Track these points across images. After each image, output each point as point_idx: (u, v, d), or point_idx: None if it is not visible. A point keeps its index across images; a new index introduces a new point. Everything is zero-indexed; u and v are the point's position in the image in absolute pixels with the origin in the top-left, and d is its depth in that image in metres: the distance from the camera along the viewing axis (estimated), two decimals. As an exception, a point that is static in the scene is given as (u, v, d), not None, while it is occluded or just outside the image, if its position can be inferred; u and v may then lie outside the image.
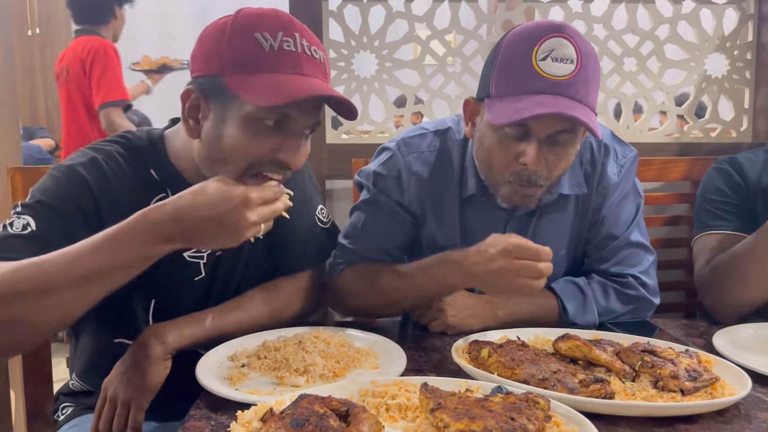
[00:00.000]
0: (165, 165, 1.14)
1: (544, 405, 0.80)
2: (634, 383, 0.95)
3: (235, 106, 1.00)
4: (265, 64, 0.99)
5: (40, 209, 1.03)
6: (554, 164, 1.15)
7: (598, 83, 1.15)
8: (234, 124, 1.01)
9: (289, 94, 0.97)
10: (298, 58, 1.00)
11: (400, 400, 0.84)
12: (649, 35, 1.86)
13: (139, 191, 1.10)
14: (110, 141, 1.15)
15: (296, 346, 1.07)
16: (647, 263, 1.32)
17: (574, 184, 1.28)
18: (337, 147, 1.83)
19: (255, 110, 0.99)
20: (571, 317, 1.24)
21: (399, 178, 1.31)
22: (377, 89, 1.85)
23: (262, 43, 0.98)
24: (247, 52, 0.99)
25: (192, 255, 1.17)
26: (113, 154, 1.11)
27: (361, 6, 1.81)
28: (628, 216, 1.33)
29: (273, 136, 1.01)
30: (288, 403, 0.78)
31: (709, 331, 1.23)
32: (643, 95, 1.89)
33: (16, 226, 1.00)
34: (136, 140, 1.15)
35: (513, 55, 1.12)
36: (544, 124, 1.10)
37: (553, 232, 1.31)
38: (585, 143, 1.30)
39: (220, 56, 1.00)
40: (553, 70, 1.08)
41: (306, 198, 1.28)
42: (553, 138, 1.12)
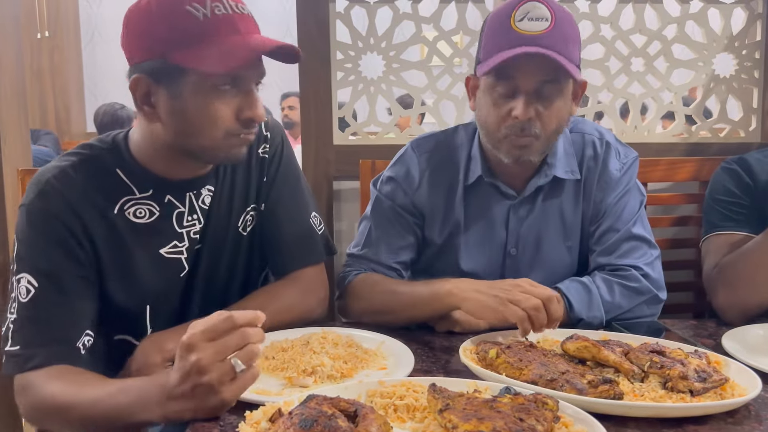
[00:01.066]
0: (130, 163, 1.14)
1: (553, 406, 0.80)
2: (642, 384, 0.94)
3: (188, 81, 1.03)
4: (204, 33, 1.01)
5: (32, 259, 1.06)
6: (545, 117, 1.22)
7: (577, 42, 1.23)
8: (193, 97, 1.04)
9: (240, 55, 1.01)
10: (231, 19, 1.03)
11: (408, 400, 0.84)
12: (657, 35, 1.85)
13: (108, 193, 1.12)
14: (74, 152, 1.15)
15: (304, 347, 1.08)
16: (650, 257, 1.33)
17: (568, 169, 1.34)
18: (344, 148, 1.83)
19: (208, 79, 1.02)
20: (576, 313, 1.24)
21: (408, 177, 1.38)
22: (384, 90, 1.85)
23: (195, 14, 1.01)
24: (184, 26, 1.01)
25: (169, 251, 1.18)
26: (77, 164, 1.12)
27: (368, 7, 1.82)
28: (631, 210, 1.35)
29: (232, 98, 1.05)
30: (296, 404, 0.79)
31: (718, 331, 1.23)
32: (651, 95, 1.89)
33: (22, 293, 1.05)
34: (99, 145, 1.16)
35: (494, 22, 1.24)
36: (527, 76, 1.19)
37: (551, 217, 1.36)
38: (587, 140, 1.37)
39: (158, 38, 1.02)
40: (529, 27, 1.18)
41: (300, 201, 1.31)
42: (539, 91, 1.20)
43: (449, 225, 1.38)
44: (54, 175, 1.10)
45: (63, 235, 1.07)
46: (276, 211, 1.27)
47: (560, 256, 1.37)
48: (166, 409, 0.87)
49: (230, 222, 1.24)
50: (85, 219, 1.09)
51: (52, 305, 1.05)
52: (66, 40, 5.65)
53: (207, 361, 0.83)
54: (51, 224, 1.07)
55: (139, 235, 1.14)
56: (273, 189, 1.27)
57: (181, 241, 1.18)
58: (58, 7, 5.55)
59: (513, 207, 1.35)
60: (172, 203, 1.17)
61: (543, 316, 1.07)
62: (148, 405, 0.88)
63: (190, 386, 0.84)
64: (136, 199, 1.14)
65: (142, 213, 1.14)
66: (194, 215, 1.19)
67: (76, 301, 1.08)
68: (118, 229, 1.12)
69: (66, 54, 5.64)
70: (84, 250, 1.09)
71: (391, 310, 1.27)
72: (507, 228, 1.36)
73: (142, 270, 1.15)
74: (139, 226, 1.14)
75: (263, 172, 1.27)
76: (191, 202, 1.18)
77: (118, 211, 1.12)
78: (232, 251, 1.25)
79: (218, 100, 1.04)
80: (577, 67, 1.22)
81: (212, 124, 1.05)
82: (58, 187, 1.08)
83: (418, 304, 1.23)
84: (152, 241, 1.16)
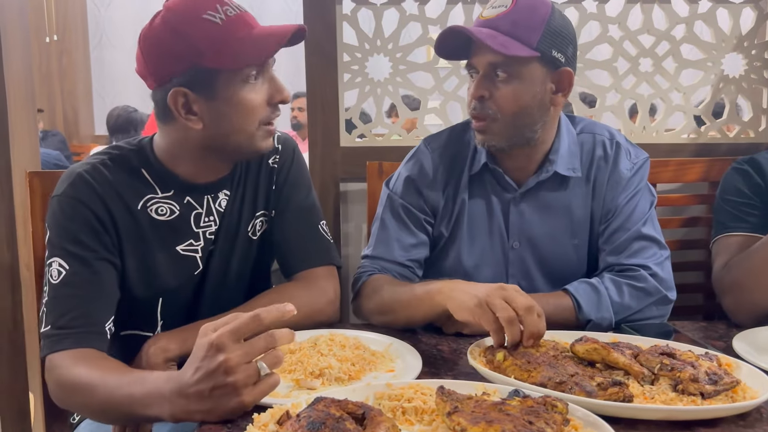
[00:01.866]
0: (154, 165, 1.21)
1: (563, 408, 0.79)
2: (653, 386, 0.94)
3: (221, 82, 1.10)
4: (226, 34, 1.09)
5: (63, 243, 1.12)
6: (499, 98, 1.26)
7: (534, 27, 1.24)
8: (228, 95, 1.11)
9: (268, 45, 1.10)
10: (242, 17, 1.11)
11: (417, 403, 0.84)
12: (665, 35, 1.84)
13: (133, 189, 1.19)
14: (104, 151, 1.23)
15: (311, 349, 1.08)
16: (660, 257, 1.33)
17: (570, 167, 1.35)
18: (351, 150, 1.83)
19: (238, 74, 1.10)
20: (585, 314, 1.24)
21: (422, 172, 1.40)
22: (391, 92, 1.85)
23: (213, 20, 1.08)
24: (206, 34, 1.08)
25: (185, 248, 1.23)
26: (107, 162, 1.19)
27: (374, 9, 1.81)
28: (642, 211, 1.35)
29: (261, 86, 1.13)
30: (304, 406, 0.78)
31: (728, 333, 1.22)
32: (660, 96, 1.88)
33: (53, 275, 1.11)
34: (127, 147, 1.23)
35: None
36: (479, 58, 1.27)
37: (557, 213, 1.36)
38: (597, 140, 1.38)
39: (182, 52, 1.08)
40: (487, 13, 1.27)
41: (309, 208, 1.34)
42: (491, 74, 1.25)
43: (454, 216, 1.39)
44: (85, 169, 1.17)
45: (91, 221, 1.13)
46: (286, 215, 1.31)
47: (566, 254, 1.37)
48: (175, 407, 0.87)
49: (240, 226, 1.28)
50: (112, 209, 1.16)
51: (82, 285, 1.10)
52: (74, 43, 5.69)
53: (235, 362, 0.83)
54: (80, 210, 1.13)
55: (159, 231, 1.20)
56: (282, 195, 1.32)
57: (197, 240, 1.23)
58: (67, 11, 5.59)
59: (513, 200, 1.36)
60: (191, 204, 1.22)
61: (516, 330, 0.99)
62: (159, 399, 0.88)
63: (209, 386, 0.83)
64: (158, 198, 1.20)
65: (163, 210, 1.20)
66: (210, 217, 1.24)
67: (104, 283, 1.13)
68: (140, 224, 1.18)
69: (74, 57, 5.68)
70: (110, 237, 1.15)
71: (392, 309, 1.27)
72: (507, 221, 1.37)
73: (159, 264, 1.20)
74: (159, 222, 1.20)
75: (272, 180, 1.32)
76: (208, 205, 1.24)
77: (141, 207, 1.19)
78: (241, 254, 1.29)
79: (252, 92, 1.12)
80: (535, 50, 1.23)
81: (249, 115, 1.13)
82: (88, 180, 1.15)
83: (413, 303, 1.22)
84: (170, 238, 1.21)
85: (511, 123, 1.27)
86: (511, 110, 1.25)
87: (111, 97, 5.76)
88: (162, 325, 1.24)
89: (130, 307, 1.20)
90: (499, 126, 1.27)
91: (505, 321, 0.99)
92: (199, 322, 1.16)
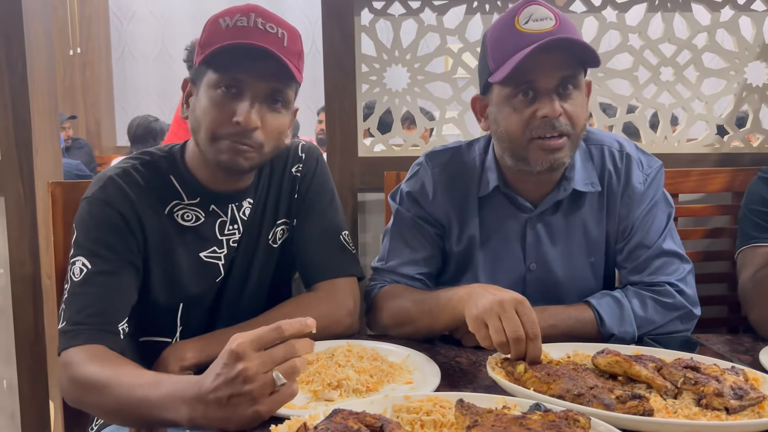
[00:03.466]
0: (182, 172, 1.23)
1: (585, 423, 0.77)
2: (676, 401, 0.92)
3: (203, 80, 1.14)
4: (220, 39, 1.10)
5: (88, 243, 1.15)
6: (572, 112, 1.19)
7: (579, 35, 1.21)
8: (201, 96, 1.15)
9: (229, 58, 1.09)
10: (247, 30, 1.11)
11: (435, 416, 0.83)
12: (687, 44, 1.82)
13: (161, 195, 1.22)
14: (135, 156, 1.25)
15: (329, 360, 1.07)
16: (683, 272, 1.30)
17: (588, 182, 1.31)
18: (369, 160, 1.83)
19: (211, 79, 1.12)
20: (608, 328, 1.22)
21: (423, 190, 1.37)
22: (409, 102, 1.85)
23: (221, 24, 1.12)
24: (210, 34, 1.13)
25: (208, 255, 1.24)
26: (138, 166, 1.22)
27: (393, 20, 1.82)
28: (659, 225, 1.31)
29: (230, 101, 1.12)
30: (322, 418, 0.78)
31: (755, 347, 1.19)
32: (681, 105, 1.86)
33: (75, 273, 1.13)
34: (157, 153, 1.26)
35: (498, 31, 1.22)
36: (547, 75, 1.17)
37: (572, 232, 1.32)
38: (607, 152, 1.33)
39: (198, 44, 1.15)
40: (536, 27, 1.17)
41: (332, 218, 1.34)
42: (560, 88, 1.18)
43: (465, 239, 1.35)
44: (116, 173, 1.20)
45: (119, 223, 1.16)
46: (307, 225, 1.32)
47: (584, 273, 1.34)
48: (193, 412, 0.86)
49: (261, 234, 1.29)
50: (140, 212, 1.18)
51: (102, 284, 1.12)
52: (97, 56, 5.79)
53: (253, 371, 0.83)
54: (109, 212, 1.16)
55: (184, 237, 1.22)
56: (305, 205, 1.32)
57: (221, 247, 1.25)
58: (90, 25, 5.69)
59: (530, 221, 1.32)
60: (216, 212, 1.24)
61: (506, 351, 1.00)
62: (177, 404, 0.88)
63: (227, 394, 0.83)
64: (184, 204, 1.23)
65: (189, 217, 1.23)
66: (235, 225, 1.26)
67: (123, 285, 1.15)
68: (166, 228, 1.21)
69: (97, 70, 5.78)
70: (136, 240, 1.18)
71: (411, 319, 1.25)
72: (524, 243, 1.33)
73: (182, 270, 1.22)
74: (185, 228, 1.22)
75: (294, 189, 1.32)
76: (233, 213, 1.26)
77: (168, 212, 1.21)
78: (262, 262, 1.30)
79: (218, 102, 1.12)
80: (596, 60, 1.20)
81: (202, 119, 1.14)
82: (119, 183, 1.18)
83: (433, 311, 1.20)
84: (194, 244, 1.23)
85: (577, 137, 1.23)
86: (581, 123, 1.22)
87: (132, 108, 5.84)
88: (181, 331, 1.25)
89: (151, 313, 1.21)
90: (572, 141, 1.21)
91: (496, 344, 1.01)
92: (217, 332, 1.17)
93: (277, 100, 1.14)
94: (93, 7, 5.69)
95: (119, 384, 0.97)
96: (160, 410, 0.90)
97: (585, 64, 1.21)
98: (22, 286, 1.86)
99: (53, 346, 1.74)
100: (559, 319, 1.22)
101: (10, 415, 1.94)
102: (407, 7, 1.82)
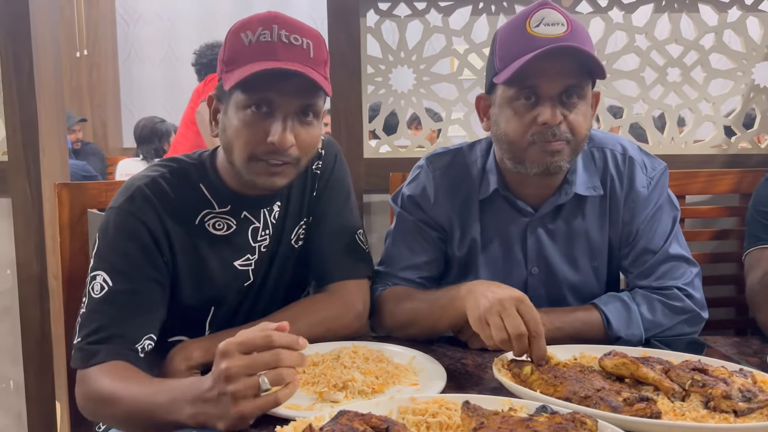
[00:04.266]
0: (212, 180, 1.20)
1: (592, 425, 0.77)
2: (683, 403, 0.91)
3: (231, 100, 1.10)
4: (245, 58, 1.07)
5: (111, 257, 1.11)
6: (573, 121, 1.17)
7: (592, 49, 1.19)
8: (231, 116, 1.10)
9: (241, 77, 1.04)
10: (272, 46, 1.07)
11: (441, 418, 0.82)
12: (694, 45, 1.82)
13: (191, 205, 1.18)
14: (164, 164, 1.22)
15: (334, 361, 1.07)
16: (691, 275, 1.29)
17: (590, 185, 1.29)
18: (375, 161, 1.83)
19: (239, 100, 1.08)
20: (615, 330, 1.21)
21: (424, 194, 1.35)
22: (414, 103, 1.84)
23: (244, 39, 1.08)
24: (233, 50, 1.09)
25: (242, 263, 1.22)
26: (167, 175, 1.19)
27: (398, 21, 1.82)
28: (665, 229, 1.30)
29: (261, 121, 1.08)
30: (327, 420, 0.78)
31: (763, 349, 1.18)
32: (688, 106, 1.85)
33: (95, 289, 1.10)
34: (187, 160, 1.23)
35: (508, 32, 1.21)
36: (551, 81, 1.15)
37: (574, 236, 1.31)
38: (609, 156, 1.32)
39: (220, 60, 1.12)
40: (547, 32, 1.15)
41: (346, 216, 1.32)
42: (563, 96, 1.17)
43: (467, 242, 1.34)
44: (145, 183, 1.16)
45: (145, 239, 1.12)
46: (321, 222, 1.30)
47: (587, 277, 1.33)
48: (196, 410, 0.88)
49: (284, 235, 1.28)
50: (169, 226, 1.15)
51: (123, 304, 1.09)
52: (104, 58, 5.81)
53: (234, 371, 0.84)
54: (135, 226, 1.12)
55: (216, 246, 1.20)
56: (320, 202, 1.30)
57: (253, 254, 1.24)
58: (97, 27, 5.71)
59: (530, 225, 1.31)
60: (248, 219, 1.22)
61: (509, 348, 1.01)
62: (182, 405, 0.90)
63: (216, 392, 0.85)
64: (215, 213, 1.20)
65: (220, 225, 1.20)
66: (266, 230, 1.25)
67: (145, 305, 1.12)
68: (197, 239, 1.18)
69: (103, 72, 5.80)
70: (163, 256, 1.14)
71: (414, 320, 1.24)
72: (525, 247, 1.32)
73: (215, 278, 1.20)
74: (216, 237, 1.20)
75: (314, 187, 1.30)
76: (265, 218, 1.24)
77: (198, 222, 1.19)
78: (281, 263, 1.28)
79: (249, 122, 1.08)
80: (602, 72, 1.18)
81: (234, 141, 1.10)
82: (147, 194, 1.14)
83: (436, 311, 1.19)
84: (228, 253, 1.21)
85: (578, 146, 1.21)
86: (582, 133, 1.20)
87: (139, 110, 5.85)
88: (209, 332, 1.24)
89: (181, 315, 1.19)
90: (571, 149, 1.20)
91: (498, 342, 1.01)
92: (224, 332, 1.16)
93: (309, 114, 1.11)
94: (99, 9, 5.71)
95: (130, 394, 0.98)
96: (167, 413, 0.92)
97: (592, 75, 1.19)
98: (29, 287, 1.87)
99: (59, 346, 1.75)
100: (566, 321, 1.21)
101: (17, 415, 1.95)
102: (413, 8, 1.82)
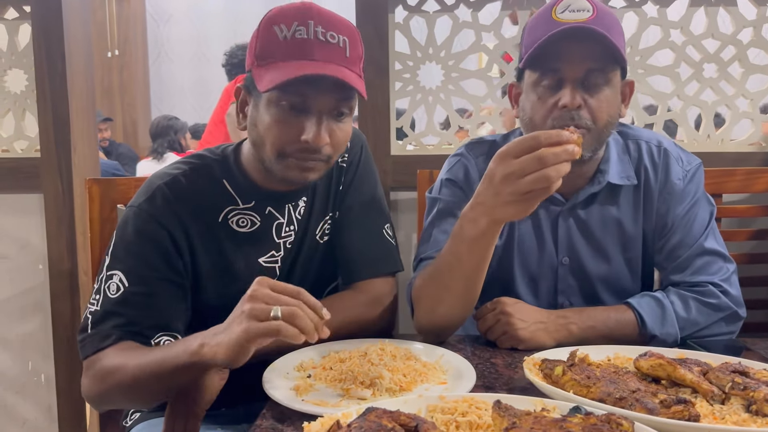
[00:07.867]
0: (236, 175, 1.18)
1: (628, 427, 0.74)
2: (723, 406, 0.88)
3: (262, 95, 1.06)
4: (280, 54, 1.04)
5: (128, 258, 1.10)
6: (595, 106, 1.16)
7: (621, 35, 1.19)
8: (263, 111, 1.07)
9: (281, 79, 1.01)
10: (309, 45, 1.04)
11: (471, 417, 0.81)
12: (731, 39, 1.77)
13: (214, 202, 1.16)
14: (186, 161, 1.21)
15: (362, 358, 1.06)
16: (727, 272, 1.25)
17: (623, 175, 1.28)
18: (402, 158, 1.82)
19: (273, 95, 1.05)
20: (649, 329, 1.18)
21: (468, 177, 1.34)
22: (443, 100, 1.83)
23: (278, 34, 1.04)
24: (267, 44, 1.06)
25: (267, 260, 1.21)
26: (188, 172, 1.17)
27: (427, 17, 1.80)
28: (701, 223, 1.27)
29: (295, 118, 1.06)
30: (355, 416, 0.76)
31: (805, 352, 1.14)
32: (725, 103, 1.80)
33: (111, 288, 1.09)
34: (209, 155, 1.21)
35: (536, 19, 1.20)
36: (573, 65, 1.15)
37: (607, 226, 1.29)
38: (644, 147, 1.31)
39: (252, 51, 1.09)
40: (571, 17, 1.15)
41: (374, 210, 1.30)
42: (585, 79, 1.16)
43: (505, 231, 1.32)
44: (165, 182, 1.14)
45: (164, 241, 1.11)
46: (348, 217, 1.27)
47: (620, 269, 1.31)
48: (205, 339, 0.91)
49: (309, 230, 1.25)
50: (189, 227, 1.13)
51: (138, 307, 1.08)
52: (134, 58, 5.90)
53: (257, 294, 0.88)
54: (154, 228, 1.11)
55: (240, 244, 1.18)
56: (347, 196, 1.28)
57: (278, 251, 1.22)
58: (128, 27, 5.81)
59: (562, 214, 1.30)
60: (273, 214, 1.20)
61: None
62: (190, 344, 0.92)
63: (239, 311, 0.89)
64: (239, 209, 1.18)
65: (244, 222, 1.18)
66: (291, 226, 1.22)
67: (162, 307, 1.10)
68: (220, 237, 1.16)
69: (134, 71, 5.89)
70: (182, 259, 1.13)
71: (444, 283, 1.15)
72: (556, 236, 1.31)
73: (240, 277, 1.17)
74: (240, 235, 1.18)
75: (340, 180, 1.28)
76: (289, 214, 1.22)
77: (222, 220, 1.17)
78: (306, 259, 1.26)
79: (282, 119, 1.06)
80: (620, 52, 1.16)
81: (266, 137, 1.08)
82: (167, 194, 1.13)
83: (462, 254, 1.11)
84: (252, 251, 1.19)
85: (600, 134, 1.19)
86: (604, 120, 1.18)
87: (168, 109, 5.93)
88: None
89: (203, 314, 1.17)
90: (591, 137, 1.17)
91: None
92: None
93: (343, 113, 1.09)
94: (130, 9, 5.80)
95: (134, 358, 0.99)
96: (174, 358, 0.93)
97: (619, 62, 1.17)
98: (60, 282, 1.89)
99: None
100: (598, 320, 1.19)
101: (47, 408, 1.98)
102: (442, 3, 1.80)
